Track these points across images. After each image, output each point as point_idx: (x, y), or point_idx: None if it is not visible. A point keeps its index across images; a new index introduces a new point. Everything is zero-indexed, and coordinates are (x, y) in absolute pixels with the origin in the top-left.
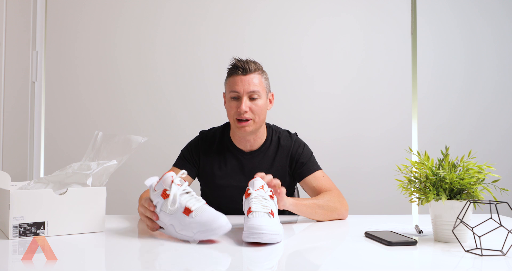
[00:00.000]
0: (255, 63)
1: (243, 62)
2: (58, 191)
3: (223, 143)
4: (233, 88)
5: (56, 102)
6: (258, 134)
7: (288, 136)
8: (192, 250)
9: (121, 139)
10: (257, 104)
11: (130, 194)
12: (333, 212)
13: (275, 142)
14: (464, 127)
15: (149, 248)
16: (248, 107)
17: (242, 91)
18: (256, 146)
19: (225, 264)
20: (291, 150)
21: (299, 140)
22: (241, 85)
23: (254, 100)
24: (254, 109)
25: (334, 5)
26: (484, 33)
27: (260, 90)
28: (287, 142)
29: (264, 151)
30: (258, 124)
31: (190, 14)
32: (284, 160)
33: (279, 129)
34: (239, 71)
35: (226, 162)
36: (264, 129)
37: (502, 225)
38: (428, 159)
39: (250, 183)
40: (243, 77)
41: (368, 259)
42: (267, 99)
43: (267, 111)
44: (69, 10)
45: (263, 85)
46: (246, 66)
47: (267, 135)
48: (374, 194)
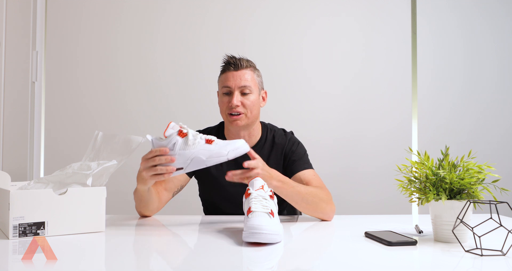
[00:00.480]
0: (247, 61)
1: (235, 59)
2: (58, 191)
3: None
4: (225, 84)
5: (56, 102)
6: (252, 131)
7: (283, 134)
8: (192, 250)
9: (121, 139)
10: (249, 99)
11: (130, 194)
12: (319, 206)
13: (270, 140)
14: (464, 127)
15: (149, 248)
16: (240, 101)
17: (234, 86)
18: (250, 144)
19: (225, 264)
20: (285, 147)
21: (293, 138)
22: (232, 80)
23: (245, 95)
24: (245, 103)
25: (334, 5)
26: (484, 33)
27: (251, 86)
28: (282, 140)
29: (259, 148)
30: (250, 120)
31: (190, 14)
32: (279, 158)
33: (275, 128)
34: (231, 67)
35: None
36: (259, 127)
37: (502, 225)
38: (428, 159)
39: (250, 183)
40: (234, 72)
41: (368, 259)
42: (259, 95)
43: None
44: (69, 10)
45: (255, 81)
46: (238, 62)
47: (261, 133)
48: (374, 194)
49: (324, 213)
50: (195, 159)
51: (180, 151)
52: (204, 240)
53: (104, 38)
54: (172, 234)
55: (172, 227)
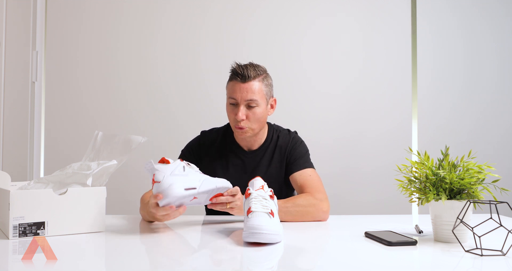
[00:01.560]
0: (255, 69)
1: (242, 69)
2: (58, 191)
3: (226, 142)
4: (232, 95)
5: (56, 102)
6: (259, 135)
7: (287, 134)
8: (192, 250)
9: (121, 139)
10: (255, 112)
11: (130, 194)
12: (308, 216)
13: (274, 140)
14: (464, 127)
15: (149, 248)
16: (245, 115)
17: (240, 99)
18: (257, 145)
19: (225, 264)
20: (288, 147)
21: (296, 137)
22: (239, 92)
23: (252, 108)
24: (251, 117)
25: (334, 5)
26: (484, 33)
27: (258, 99)
28: (285, 139)
29: (264, 149)
30: (255, 131)
31: (190, 14)
32: (282, 157)
33: (280, 128)
34: (238, 78)
35: (228, 161)
36: (265, 129)
37: (502, 225)
38: (428, 159)
39: (250, 183)
40: (241, 84)
41: (368, 259)
42: (267, 105)
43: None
44: (69, 10)
45: (263, 92)
46: (245, 73)
47: (267, 134)
48: (374, 194)
49: (315, 217)
50: (206, 180)
51: (190, 174)
52: (205, 240)
53: (104, 38)
54: (172, 233)
55: (172, 227)
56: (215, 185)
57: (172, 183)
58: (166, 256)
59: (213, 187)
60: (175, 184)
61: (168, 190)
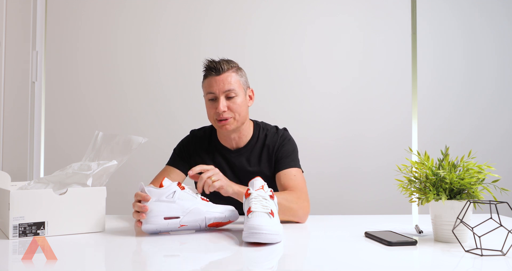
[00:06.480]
0: (228, 62)
1: (215, 63)
2: (58, 191)
3: (212, 141)
4: (209, 90)
5: (56, 102)
6: (242, 131)
7: (275, 132)
8: (192, 250)
9: (122, 139)
10: (235, 102)
11: (130, 194)
12: (286, 212)
13: (261, 139)
14: (464, 127)
15: (149, 248)
16: (226, 106)
17: (218, 91)
18: (242, 144)
19: (225, 264)
20: (276, 145)
21: (285, 134)
22: (215, 85)
23: (231, 99)
24: (232, 107)
25: (334, 5)
26: (484, 33)
27: (236, 88)
28: (274, 137)
29: (251, 148)
30: (239, 122)
31: (190, 14)
32: (270, 156)
33: (267, 126)
34: (212, 72)
35: (214, 160)
36: (250, 126)
37: (502, 225)
38: (428, 159)
39: (250, 183)
40: (217, 77)
41: (368, 259)
42: (245, 96)
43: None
44: (69, 10)
45: (239, 82)
46: (218, 67)
47: (253, 132)
48: (374, 194)
49: (295, 216)
50: (195, 210)
51: (179, 200)
52: (204, 240)
53: (104, 38)
54: (172, 233)
55: None
56: (203, 216)
57: (152, 210)
58: (165, 256)
59: (201, 217)
60: (153, 212)
61: (148, 217)
